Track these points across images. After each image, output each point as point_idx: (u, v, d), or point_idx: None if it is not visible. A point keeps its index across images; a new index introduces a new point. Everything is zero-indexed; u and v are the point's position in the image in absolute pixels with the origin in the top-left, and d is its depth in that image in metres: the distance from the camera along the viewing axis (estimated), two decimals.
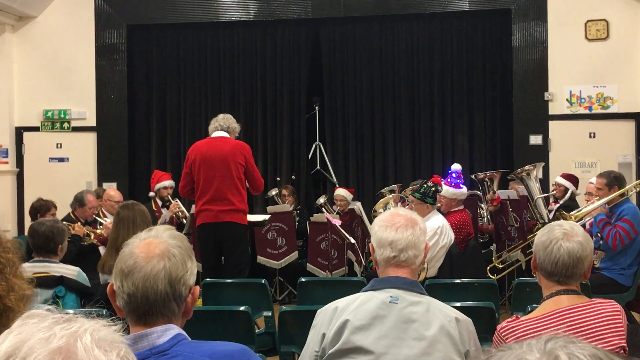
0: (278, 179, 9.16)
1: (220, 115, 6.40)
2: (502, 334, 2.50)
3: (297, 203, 8.76)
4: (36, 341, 1.00)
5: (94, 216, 7.07)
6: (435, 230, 5.81)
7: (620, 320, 2.49)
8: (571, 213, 6.02)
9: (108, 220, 6.96)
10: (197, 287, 1.91)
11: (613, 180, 5.99)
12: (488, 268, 6.72)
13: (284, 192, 8.63)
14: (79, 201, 7.03)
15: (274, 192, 8.77)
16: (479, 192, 7.83)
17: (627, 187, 6.02)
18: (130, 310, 1.82)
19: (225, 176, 6.05)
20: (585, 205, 6.30)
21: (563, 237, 2.55)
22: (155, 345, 1.75)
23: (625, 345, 2.45)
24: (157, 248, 1.85)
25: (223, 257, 6.24)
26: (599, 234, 5.95)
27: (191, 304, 1.89)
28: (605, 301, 2.55)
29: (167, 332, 1.77)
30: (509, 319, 2.58)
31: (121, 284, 1.83)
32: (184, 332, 1.82)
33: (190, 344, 1.79)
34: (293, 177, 9.43)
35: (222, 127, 6.25)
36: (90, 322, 1.07)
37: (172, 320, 1.82)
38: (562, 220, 3.02)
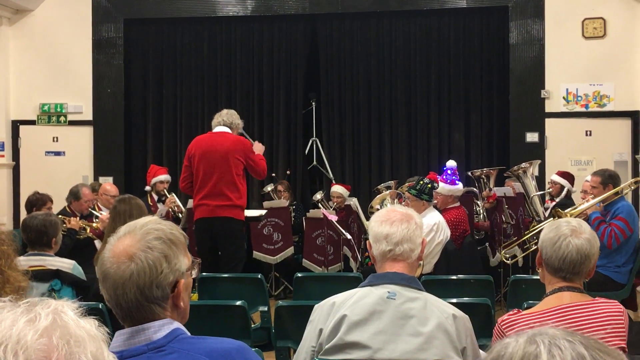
0: (274, 174, 9.15)
1: (224, 111, 6.44)
2: (503, 327, 2.51)
3: (292, 198, 8.76)
4: (23, 324, 0.99)
5: (90, 210, 7.06)
6: (432, 227, 5.83)
7: (622, 322, 2.48)
8: (566, 211, 6.03)
9: (103, 214, 6.95)
10: (183, 280, 1.81)
11: (608, 178, 6.00)
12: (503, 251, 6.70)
13: (280, 187, 8.62)
14: (74, 195, 7.02)
15: (269, 187, 8.76)
16: (475, 189, 7.84)
17: (622, 186, 6.03)
18: (115, 313, 1.80)
19: (224, 172, 6.06)
20: (580, 203, 6.31)
21: (571, 233, 2.54)
22: (152, 341, 1.72)
23: (625, 346, 2.45)
24: (128, 250, 1.75)
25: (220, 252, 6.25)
26: None
27: (178, 299, 1.81)
28: (608, 301, 2.55)
29: (164, 327, 1.75)
30: (511, 312, 2.58)
31: (101, 288, 1.80)
32: (182, 327, 1.80)
33: (188, 339, 1.76)
34: (288, 172, 9.41)
35: (225, 122, 6.28)
36: (58, 301, 1.07)
37: (158, 316, 1.77)
38: (568, 217, 3.03)
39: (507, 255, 6.79)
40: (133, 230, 1.81)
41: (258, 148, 6.59)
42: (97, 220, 6.85)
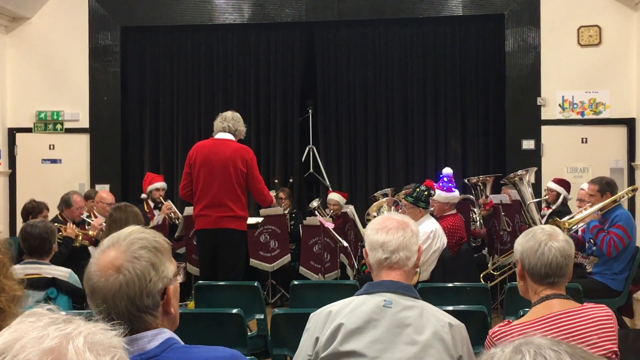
0: (276, 181, 9.12)
1: (229, 114, 6.12)
2: (494, 339, 2.51)
3: (292, 206, 8.75)
4: (29, 340, 1.00)
5: (83, 217, 7.05)
6: (428, 235, 5.83)
7: (612, 325, 2.50)
8: (564, 219, 6.02)
9: (96, 220, 6.95)
10: (171, 287, 1.81)
11: (605, 186, 5.99)
12: (482, 275, 6.71)
13: (281, 195, 8.60)
14: (65, 202, 7.01)
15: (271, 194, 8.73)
16: (471, 197, 7.84)
17: (620, 194, 6.03)
18: None
19: (225, 182, 5.87)
20: (577, 212, 6.30)
21: (549, 238, 2.58)
22: (145, 351, 1.71)
23: (617, 350, 2.46)
24: (114, 262, 1.74)
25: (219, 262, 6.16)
26: (591, 240, 5.96)
27: (168, 305, 1.80)
28: (596, 306, 2.56)
29: (157, 337, 1.74)
30: (501, 324, 2.58)
31: (90, 303, 1.78)
32: (175, 336, 1.79)
33: (181, 349, 1.75)
34: (291, 180, 9.39)
35: (230, 129, 6.02)
36: (88, 325, 1.07)
37: (150, 326, 1.76)
38: (543, 225, 3.05)
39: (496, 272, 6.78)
40: (117, 241, 1.80)
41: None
42: (89, 226, 6.85)
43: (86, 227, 6.89)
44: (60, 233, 6.22)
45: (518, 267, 2.66)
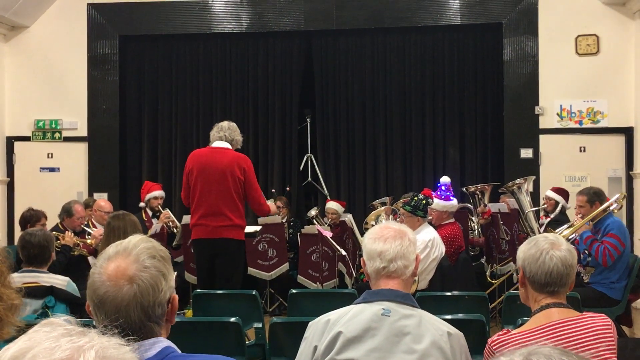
0: (273, 190, 9.12)
1: (225, 124, 6.10)
2: (493, 347, 2.50)
3: (290, 215, 8.74)
4: (41, 350, 1.01)
5: (83, 226, 7.04)
6: (427, 243, 5.83)
7: (611, 334, 2.49)
8: (556, 230, 6.04)
9: (96, 230, 6.95)
10: (176, 295, 1.83)
11: (593, 196, 6.01)
12: (487, 293, 6.70)
13: (279, 203, 8.58)
14: (66, 211, 7.01)
15: (268, 203, 8.71)
16: (469, 205, 7.84)
17: (609, 202, 6.03)
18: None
19: (223, 190, 5.84)
20: (570, 224, 6.30)
21: (551, 247, 2.57)
22: None
23: (616, 359, 2.45)
24: (126, 272, 1.74)
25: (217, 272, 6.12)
26: (586, 251, 5.96)
27: (172, 313, 1.82)
28: (596, 315, 2.55)
29: (154, 346, 1.74)
30: (500, 332, 2.58)
31: (95, 314, 1.76)
32: (172, 345, 1.79)
33: (179, 357, 1.75)
34: (288, 188, 9.39)
35: (227, 138, 6.00)
36: (101, 339, 1.07)
37: (155, 335, 1.77)
38: (545, 233, 3.04)
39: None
40: (125, 250, 1.79)
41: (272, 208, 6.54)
42: (89, 236, 6.84)
43: (86, 236, 6.89)
44: (59, 241, 6.21)
45: (519, 275, 2.66)
